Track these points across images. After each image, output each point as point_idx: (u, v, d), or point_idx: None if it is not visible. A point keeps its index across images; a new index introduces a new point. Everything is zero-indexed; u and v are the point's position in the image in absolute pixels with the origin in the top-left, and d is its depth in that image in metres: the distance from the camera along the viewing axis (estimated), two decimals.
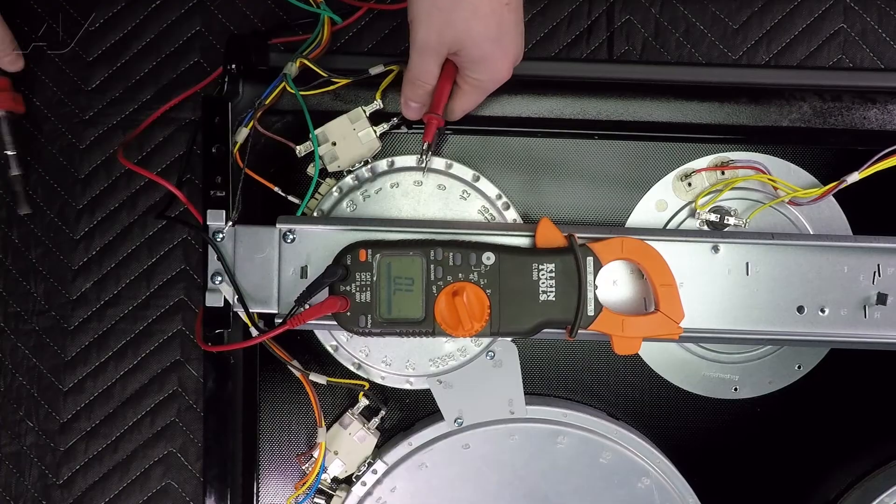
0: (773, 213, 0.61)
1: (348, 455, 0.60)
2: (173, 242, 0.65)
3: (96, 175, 0.65)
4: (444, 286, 0.52)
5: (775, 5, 0.66)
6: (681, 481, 0.61)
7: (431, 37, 0.50)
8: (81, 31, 0.65)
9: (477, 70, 0.53)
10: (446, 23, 0.49)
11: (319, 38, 0.59)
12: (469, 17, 0.49)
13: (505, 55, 0.52)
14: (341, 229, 0.55)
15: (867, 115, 0.59)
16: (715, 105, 0.59)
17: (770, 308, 0.55)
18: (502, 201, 0.58)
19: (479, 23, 0.49)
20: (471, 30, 0.50)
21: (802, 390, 0.64)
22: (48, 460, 0.65)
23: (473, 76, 0.53)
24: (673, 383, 0.64)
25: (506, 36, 0.51)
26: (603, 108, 0.59)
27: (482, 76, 0.53)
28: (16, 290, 0.65)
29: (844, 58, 0.66)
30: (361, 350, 0.59)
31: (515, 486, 0.61)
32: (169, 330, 0.65)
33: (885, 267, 0.55)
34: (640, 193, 0.62)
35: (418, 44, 0.51)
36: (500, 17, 0.50)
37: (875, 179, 0.58)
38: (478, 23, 0.49)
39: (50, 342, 0.65)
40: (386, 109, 0.58)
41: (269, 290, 0.54)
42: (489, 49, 0.51)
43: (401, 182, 0.58)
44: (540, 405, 0.61)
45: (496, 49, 0.51)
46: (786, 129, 0.59)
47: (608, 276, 0.55)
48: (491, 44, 0.51)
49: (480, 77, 0.53)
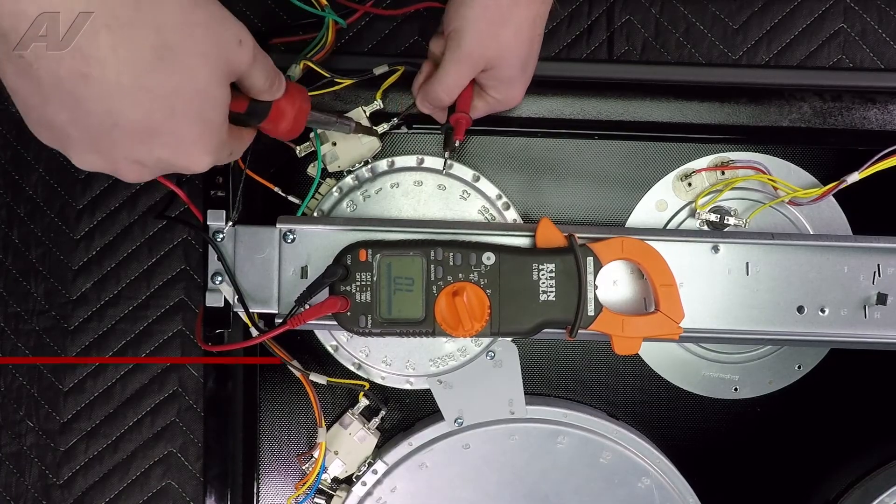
0: (773, 213, 0.61)
1: (348, 455, 0.60)
2: (173, 242, 0.65)
3: (96, 175, 0.65)
4: (445, 286, 0.52)
5: (775, 5, 0.66)
6: (681, 481, 0.61)
7: (478, 48, 0.50)
8: None
9: (499, 90, 0.53)
10: (492, 36, 0.49)
11: (324, 41, 0.59)
12: (512, 37, 0.49)
13: (525, 81, 0.54)
14: (341, 229, 0.55)
15: (867, 115, 0.59)
16: (715, 105, 0.59)
17: (770, 308, 0.55)
18: (502, 201, 0.59)
19: (517, 45, 0.50)
20: (511, 50, 0.50)
21: (802, 390, 0.64)
22: (48, 460, 0.65)
23: (494, 95, 0.54)
24: (673, 383, 0.64)
25: (530, 63, 0.53)
26: (603, 108, 0.59)
27: (501, 96, 0.54)
28: (16, 290, 0.65)
29: (844, 58, 0.66)
30: (361, 350, 0.59)
31: (515, 486, 0.61)
32: (169, 330, 0.65)
33: (885, 267, 0.55)
34: (640, 193, 0.62)
35: (463, 52, 0.50)
36: (532, 45, 0.51)
37: (875, 179, 0.58)
38: (517, 45, 0.50)
39: (50, 342, 0.65)
40: (386, 109, 0.58)
41: (270, 290, 0.54)
42: (517, 72, 0.52)
43: (401, 182, 0.58)
44: (540, 405, 0.61)
45: (521, 74, 0.53)
46: (786, 129, 0.59)
47: (608, 276, 0.55)
48: (520, 67, 0.52)
49: (500, 97, 0.54)
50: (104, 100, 0.36)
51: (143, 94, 0.36)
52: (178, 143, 0.39)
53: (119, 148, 0.38)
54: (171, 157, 0.39)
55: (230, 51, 0.39)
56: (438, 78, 0.52)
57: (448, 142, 0.56)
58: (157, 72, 0.36)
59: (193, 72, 0.37)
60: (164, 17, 0.36)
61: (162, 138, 0.38)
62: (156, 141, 0.38)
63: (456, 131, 0.55)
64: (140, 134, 0.37)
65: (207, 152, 0.40)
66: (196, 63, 0.37)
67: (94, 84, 0.35)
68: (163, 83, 0.36)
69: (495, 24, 0.49)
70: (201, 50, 0.37)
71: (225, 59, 0.39)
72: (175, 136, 0.38)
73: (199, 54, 0.37)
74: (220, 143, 0.41)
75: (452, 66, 0.51)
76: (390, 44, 0.65)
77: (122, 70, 0.35)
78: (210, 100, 0.39)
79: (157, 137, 0.38)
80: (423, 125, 0.58)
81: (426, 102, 0.54)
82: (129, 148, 0.38)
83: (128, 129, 0.37)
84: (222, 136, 0.41)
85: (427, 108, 0.55)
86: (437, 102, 0.53)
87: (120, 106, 0.36)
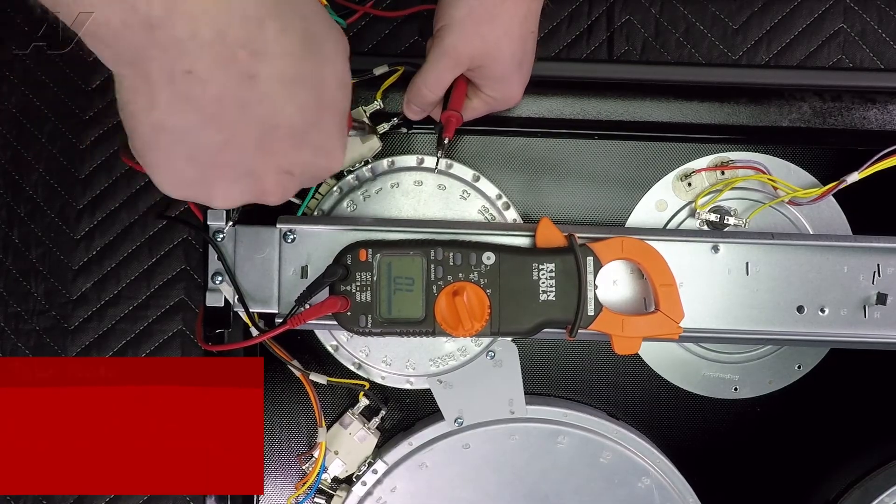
0: (773, 213, 0.61)
1: (348, 455, 0.60)
2: (173, 242, 0.65)
3: (96, 175, 0.65)
4: (445, 286, 0.52)
5: (775, 5, 0.66)
6: (681, 481, 0.61)
7: (460, 45, 0.50)
8: None
9: (494, 88, 0.53)
10: (478, 35, 0.49)
11: None
12: (501, 35, 0.49)
13: (521, 80, 0.54)
14: (342, 229, 0.55)
15: (867, 115, 0.59)
16: (715, 105, 0.59)
17: (770, 308, 0.55)
18: (502, 201, 0.59)
19: (508, 43, 0.50)
20: (500, 47, 0.50)
21: (802, 390, 0.64)
22: None
23: (489, 94, 0.54)
24: (673, 383, 0.64)
25: (525, 62, 0.52)
26: (603, 108, 0.59)
27: (497, 94, 0.54)
28: (16, 290, 0.65)
29: (844, 58, 0.66)
30: (362, 350, 0.59)
31: (515, 486, 0.61)
32: (169, 330, 0.65)
33: (885, 267, 0.55)
34: (640, 193, 0.62)
35: (443, 49, 0.50)
36: (525, 43, 0.51)
37: (875, 179, 0.58)
38: (508, 42, 0.50)
39: (50, 342, 0.65)
40: (386, 109, 0.58)
41: (270, 290, 0.54)
42: (511, 70, 0.52)
43: (401, 182, 0.58)
44: (540, 405, 0.61)
45: (516, 72, 0.52)
46: (786, 129, 0.59)
47: (608, 275, 0.55)
48: (513, 65, 0.52)
49: (496, 96, 0.54)
50: (268, 100, 0.35)
51: (299, 87, 0.35)
52: (325, 138, 0.38)
53: (274, 157, 0.37)
54: (318, 158, 0.38)
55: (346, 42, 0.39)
56: (420, 73, 0.52)
57: (439, 140, 0.56)
58: (307, 61, 0.35)
59: (334, 60, 0.37)
60: (303, 6, 0.35)
61: (313, 135, 0.37)
62: (308, 140, 0.37)
63: (446, 129, 0.55)
64: (297, 133, 0.37)
65: (343, 148, 0.40)
66: (334, 51, 0.37)
67: (261, 84, 0.34)
68: (313, 73, 0.36)
69: (482, 21, 0.49)
70: (335, 37, 0.37)
71: (347, 49, 0.38)
72: (324, 131, 0.37)
73: (335, 41, 0.37)
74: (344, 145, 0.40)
75: (432, 61, 0.51)
76: (390, 44, 0.65)
77: (286, 62, 0.34)
78: (346, 89, 0.38)
79: (310, 135, 0.37)
80: (423, 125, 0.58)
81: (411, 104, 0.54)
82: (283, 154, 0.37)
83: (285, 131, 0.36)
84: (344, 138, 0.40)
85: (413, 110, 0.55)
86: (420, 98, 0.53)
87: (282, 104, 0.35)
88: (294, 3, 0.35)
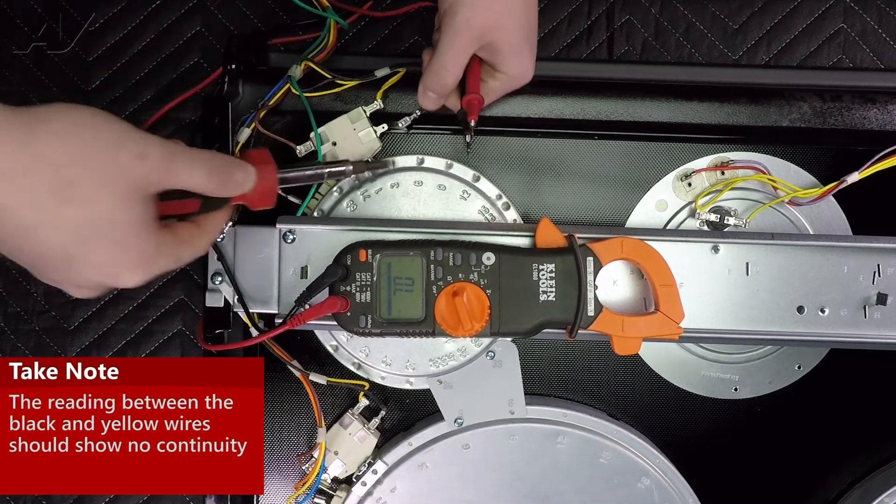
0: (773, 213, 0.61)
1: (348, 455, 0.60)
2: None
3: None
4: (445, 286, 0.52)
5: (775, 5, 0.66)
6: (681, 481, 0.61)
7: (473, 18, 0.50)
8: (81, 31, 0.65)
9: (507, 64, 0.53)
10: (488, 8, 0.50)
11: (325, 42, 0.59)
12: (508, 6, 0.50)
13: (532, 52, 0.53)
14: (341, 229, 0.55)
15: (867, 115, 0.59)
16: (715, 105, 0.59)
17: (770, 308, 0.55)
18: (502, 201, 0.59)
19: (517, 14, 0.51)
20: (512, 16, 0.50)
21: (802, 390, 0.64)
22: None
23: (504, 70, 0.53)
24: (673, 383, 0.64)
25: (532, 35, 0.53)
26: (603, 108, 0.59)
27: (512, 71, 0.53)
28: (16, 290, 0.65)
29: (844, 58, 0.66)
30: (361, 350, 0.59)
31: (515, 486, 0.61)
32: (169, 330, 0.65)
33: (885, 267, 0.55)
34: (640, 193, 0.62)
35: (457, 25, 0.50)
36: (531, 15, 0.52)
37: (875, 179, 0.58)
38: (516, 13, 0.51)
39: (50, 342, 0.65)
40: (386, 110, 0.58)
41: (270, 291, 0.54)
42: (521, 42, 0.52)
43: (401, 182, 0.58)
44: (540, 405, 0.61)
45: (526, 44, 0.52)
46: (786, 129, 0.59)
47: (608, 276, 0.55)
48: (523, 38, 0.52)
49: (510, 72, 0.53)
50: (20, 237, 0.39)
51: (54, 230, 0.39)
52: (99, 267, 0.41)
53: (54, 274, 0.41)
54: (101, 279, 0.42)
55: (131, 169, 0.40)
56: (437, 55, 0.52)
57: (466, 126, 0.55)
58: (63, 207, 0.38)
59: (95, 201, 0.39)
60: (57, 156, 0.38)
61: (84, 265, 0.40)
62: (80, 268, 0.41)
63: (470, 113, 0.54)
64: (64, 263, 0.40)
65: (131, 269, 0.42)
66: (96, 192, 0.39)
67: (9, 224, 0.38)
68: (71, 217, 0.39)
69: None
70: (99, 178, 0.39)
71: (126, 180, 0.40)
72: (94, 262, 0.40)
73: (98, 182, 0.39)
74: (147, 258, 0.42)
75: (447, 40, 0.51)
76: (390, 44, 0.65)
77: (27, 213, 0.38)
78: (119, 224, 0.40)
79: (80, 265, 0.40)
80: (423, 125, 0.58)
81: (428, 92, 0.54)
82: (60, 274, 0.41)
83: (50, 261, 0.40)
84: (147, 250, 0.42)
85: (430, 99, 0.54)
86: (439, 81, 0.52)
87: (35, 241, 0.39)
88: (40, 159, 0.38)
